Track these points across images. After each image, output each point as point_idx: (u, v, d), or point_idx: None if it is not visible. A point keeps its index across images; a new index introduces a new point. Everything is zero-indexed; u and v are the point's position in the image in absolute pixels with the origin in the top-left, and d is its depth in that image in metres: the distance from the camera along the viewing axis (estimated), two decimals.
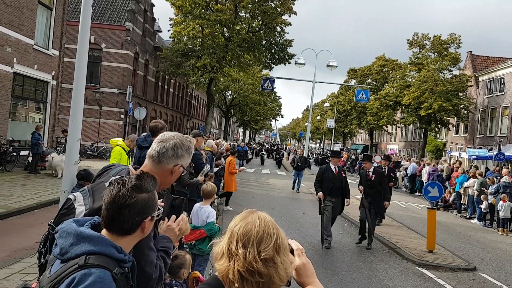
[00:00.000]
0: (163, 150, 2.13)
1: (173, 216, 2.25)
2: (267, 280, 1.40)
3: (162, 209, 1.81)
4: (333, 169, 9.43)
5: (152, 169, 2.11)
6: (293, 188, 19.53)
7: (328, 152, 48.42)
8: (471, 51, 38.92)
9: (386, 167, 12.98)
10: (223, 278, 1.44)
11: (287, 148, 69.91)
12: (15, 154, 15.42)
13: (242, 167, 14.48)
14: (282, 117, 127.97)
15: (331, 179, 9.30)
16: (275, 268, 1.40)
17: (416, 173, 23.66)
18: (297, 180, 19.47)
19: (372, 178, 9.74)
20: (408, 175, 24.57)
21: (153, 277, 1.94)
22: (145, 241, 1.85)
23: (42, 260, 2.00)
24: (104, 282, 1.47)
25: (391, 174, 13.04)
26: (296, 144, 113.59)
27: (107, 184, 1.97)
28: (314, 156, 54.18)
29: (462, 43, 35.01)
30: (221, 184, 13.40)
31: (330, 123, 52.65)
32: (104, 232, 1.66)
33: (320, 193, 9.27)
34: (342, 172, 9.63)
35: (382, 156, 15.31)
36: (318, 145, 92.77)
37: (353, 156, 40.62)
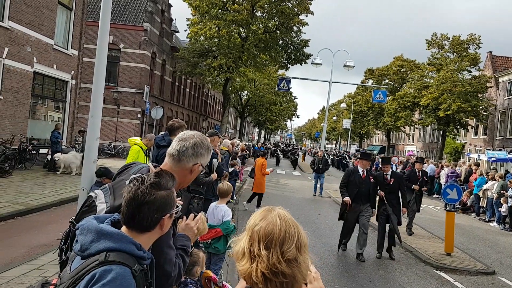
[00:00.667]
0: (183, 149, 2.13)
1: (192, 215, 2.26)
2: (291, 280, 1.39)
3: (180, 207, 1.82)
4: (361, 173, 8.55)
5: (172, 167, 2.12)
6: (315, 194, 18.23)
7: (346, 153, 47.45)
8: (491, 52, 38.31)
9: (420, 170, 11.90)
10: (246, 279, 1.43)
11: (303, 148, 69.68)
12: (34, 152, 15.67)
13: (271, 169, 14.37)
14: (298, 117, 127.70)
15: (357, 183, 8.41)
16: (298, 267, 1.39)
17: (434, 175, 23.33)
18: (318, 184, 18.31)
19: (391, 182, 8.86)
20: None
21: (172, 275, 1.95)
22: (165, 239, 1.85)
23: (63, 256, 2.02)
24: (124, 279, 1.48)
25: (424, 177, 11.85)
26: (311, 145, 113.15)
27: (127, 182, 1.99)
28: (331, 157, 53.51)
29: (481, 43, 34.51)
30: (236, 184, 13.41)
31: (347, 123, 52.36)
32: (123, 229, 1.67)
33: (347, 198, 8.38)
34: (371, 177, 8.66)
35: (417, 158, 13.72)
36: (334, 145, 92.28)
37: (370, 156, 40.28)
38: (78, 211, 2.12)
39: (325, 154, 41.46)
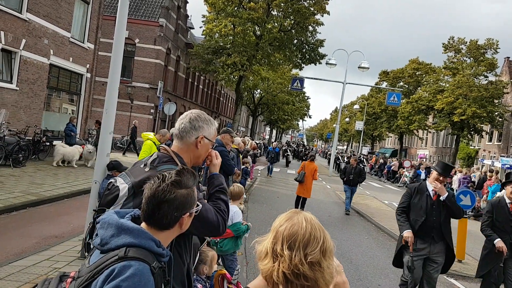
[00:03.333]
0: (182, 126, 2.29)
1: (216, 152, 2.43)
2: (312, 284, 1.36)
3: (201, 205, 1.81)
4: (431, 193, 5.40)
5: (179, 146, 2.29)
6: (348, 212, 14.58)
7: (363, 156, 44.61)
8: (508, 57, 37.80)
9: None
10: (266, 279, 1.41)
11: (314, 149, 69.37)
12: (48, 143, 15.81)
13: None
14: (310, 117, 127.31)
15: (425, 208, 5.34)
16: (321, 272, 1.36)
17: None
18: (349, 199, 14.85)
19: None
20: None
21: (217, 221, 2.10)
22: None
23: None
24: (143, 276, 1.47)
25: None
26: (323, 145, 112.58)
27: (142, 165, 2.15)
28: (346, 159, 49.97)
29: (499, 48, 34.14)
30: (246, 182, 13.35)
31: (359, 125, 52.03)
32: (143, 225, 1.67)
33: (408, 233, 5.26)
34: (447, 202, 5.34)
35: None
36: (345, 147, 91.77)
37: (381, 160, 39.96)
38: (101, 197, 2.25)
39: (340, 157, 39.05)
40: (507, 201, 5.77)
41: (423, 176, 26.91)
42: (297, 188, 13.02)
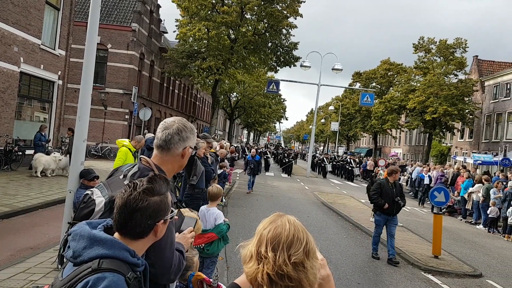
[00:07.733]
0: (169, 137, 2.17)
1: (190, 228, 2.31)
2: (296, 285, 1.38)
3: (175, 211, 1.79)
4: None
5: (163, 157, 2.18)
6: (376, 254, 9.07)
7: (349, 157, 37.75)
8: (477, 56, 38.89)
9: None
10: (251, 282, 1.43)
11: (293, 151, 69.55)
12: (20, 153, 15.45)
13: None
14: (287, 119, 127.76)
15: None
16: (305, 272, 1.38)
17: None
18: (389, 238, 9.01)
19: None
20: (413, 179, 24.46)
21: (173, 264, 1.94)
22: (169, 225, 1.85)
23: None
24: (118, 287, 1.45)
25: None
26: (300, 147, 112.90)
27: (121, 176, 2.06)
28: (329, 160, 40.61)
29: (468, 47, 35.02)
30: (225, 186, 13.31)
31: (335, 126, 52.58)
32: (116, 235, 1.63)
33: None
34: None
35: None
36: (322, 148, 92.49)
37: (357, 159, 40.38)
38: (77, 210, 2.13)
39: (324, 159, 37.85)
40: None
41: (426, 181, 21.06)
42: None
